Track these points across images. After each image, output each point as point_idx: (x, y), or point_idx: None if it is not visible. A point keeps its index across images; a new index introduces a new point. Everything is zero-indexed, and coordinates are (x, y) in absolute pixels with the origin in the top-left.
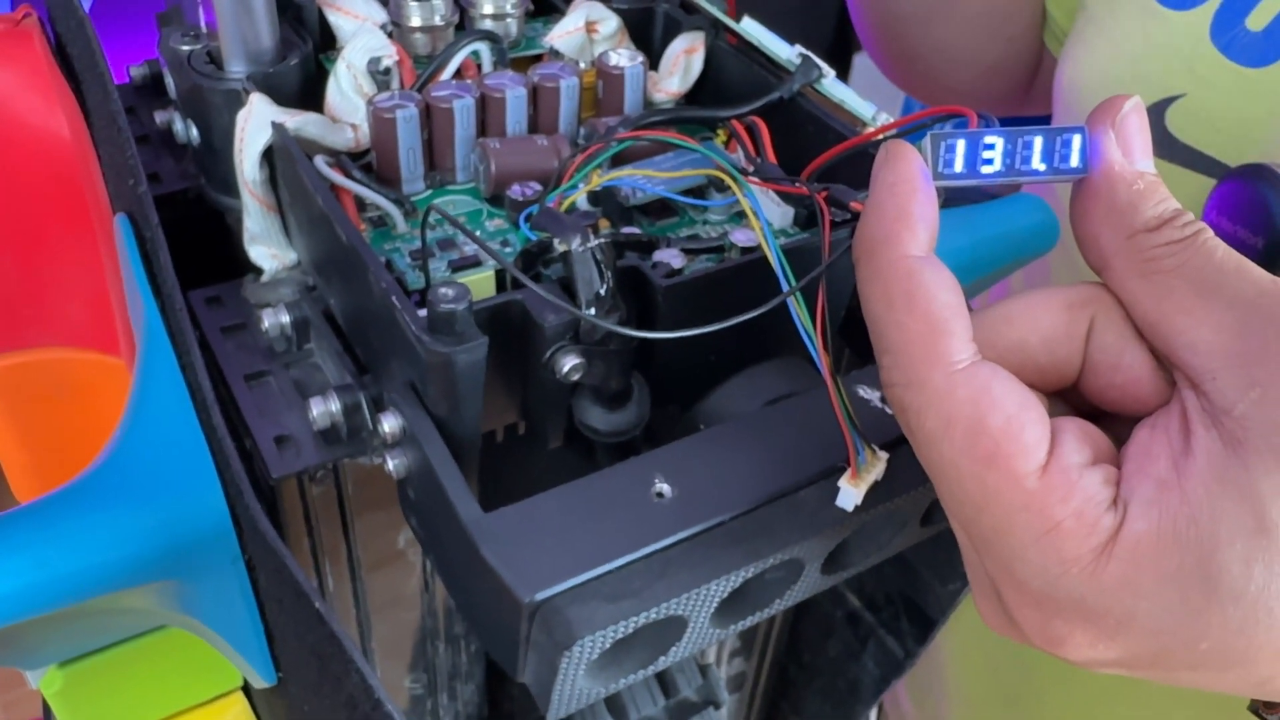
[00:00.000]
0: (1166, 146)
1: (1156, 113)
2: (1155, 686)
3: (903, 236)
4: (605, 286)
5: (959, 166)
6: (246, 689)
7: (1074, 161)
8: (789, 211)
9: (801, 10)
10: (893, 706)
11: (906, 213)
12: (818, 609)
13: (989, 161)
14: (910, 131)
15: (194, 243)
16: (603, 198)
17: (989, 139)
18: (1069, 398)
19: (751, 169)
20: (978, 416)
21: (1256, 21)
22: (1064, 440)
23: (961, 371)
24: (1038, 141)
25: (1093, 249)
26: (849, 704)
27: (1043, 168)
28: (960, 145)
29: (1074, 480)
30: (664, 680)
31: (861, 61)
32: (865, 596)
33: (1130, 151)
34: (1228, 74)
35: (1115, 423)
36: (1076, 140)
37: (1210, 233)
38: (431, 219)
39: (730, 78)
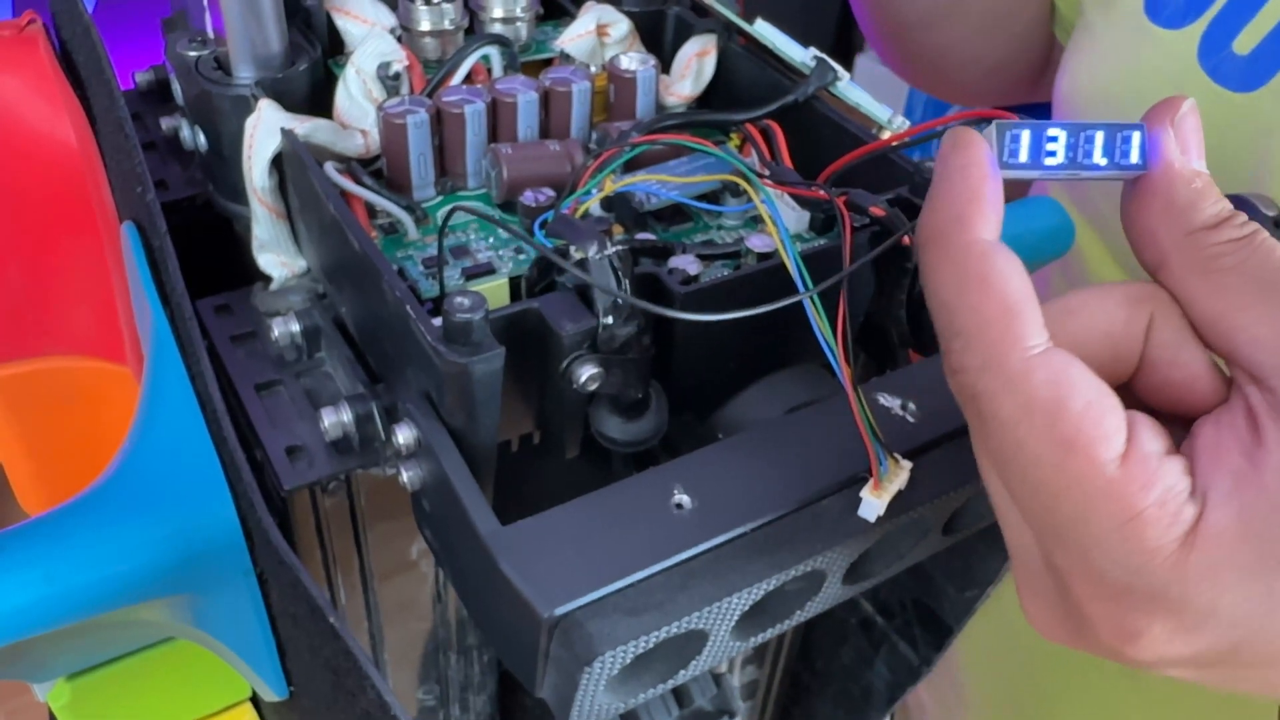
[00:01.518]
0: None
1: None
2: (1169, 698)
3: (975, 220)
4: (623, 294)
5: (1024, 157)
6: (255, 700)
7: (1134, 158)
8: (804, 216)
9: (803, 12)
10: (915, 703)
11: (979, 196)
12: (831, 616)
13: (1052, 154)
14: (930, 138)
15: (201, 250)
16: (616, 203)
17: (1052, 131)
18: (1121, 395)
19: (767, 173)
20: (1057, 400)
21: (1243, 45)
22: (1140, 430)
23: (1038, 355)
24: (1099, 136)
25: (1150, 245)
26: (862, 711)
27: (1104, 162)
28: (1025, 135)
29: (1154, 469)
30: (678, 690)
31: (863, 63)
32: (879, 603)
33: (1187, 150)
34: (1213, 98)
35: (1166, 422)
36: (1136, 137)
37: (1266, 233)
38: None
39: (743, 81)
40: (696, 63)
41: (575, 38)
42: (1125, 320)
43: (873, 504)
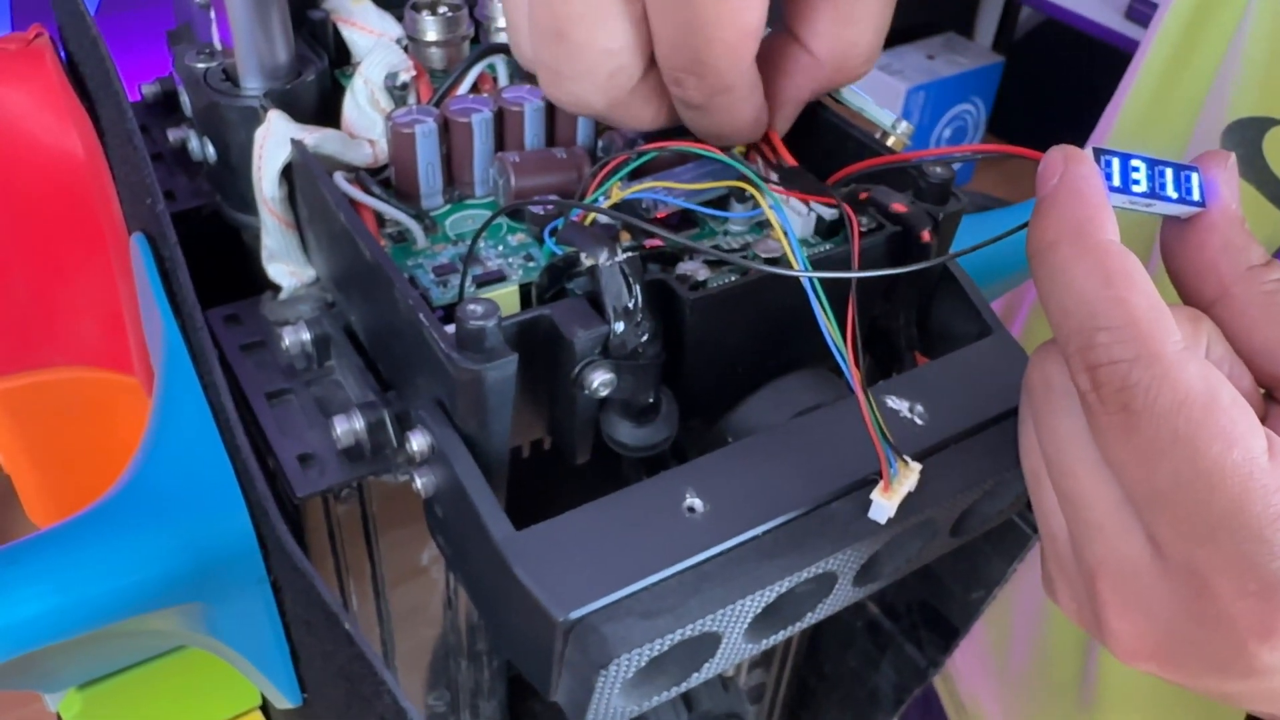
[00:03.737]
0: (1257, 173)
1: (1256, 130)
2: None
3: (1107, 222)
4: (634, 300)
5: (1116, 181)
6: (265, 708)
7: (1196, 195)
8: (811, 221)
9: None
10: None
11: (1105, 202)
12: (837, 619)
13: (1137, 182)
14: (958, 159)
15: (210, 260)
16: (622, 210)
17: (1134, 162)
18: None
19: (774, 178)
20: (1211, 393)
21: None
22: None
23: (1188, 350)
24: (1169, 172)
25: (1211, 278)
26: (869, 714)
27: (1175, 195)
28: (1116, 162)
29: None
30: (686, 694)
31: None
32: (885, 605)
33: (1235, 195)
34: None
35: None
36: (1195, 177)
37: None
38: (453, 234)
39: None
40: None
41: None
42: (1192, 335)
43: (883, 506)
